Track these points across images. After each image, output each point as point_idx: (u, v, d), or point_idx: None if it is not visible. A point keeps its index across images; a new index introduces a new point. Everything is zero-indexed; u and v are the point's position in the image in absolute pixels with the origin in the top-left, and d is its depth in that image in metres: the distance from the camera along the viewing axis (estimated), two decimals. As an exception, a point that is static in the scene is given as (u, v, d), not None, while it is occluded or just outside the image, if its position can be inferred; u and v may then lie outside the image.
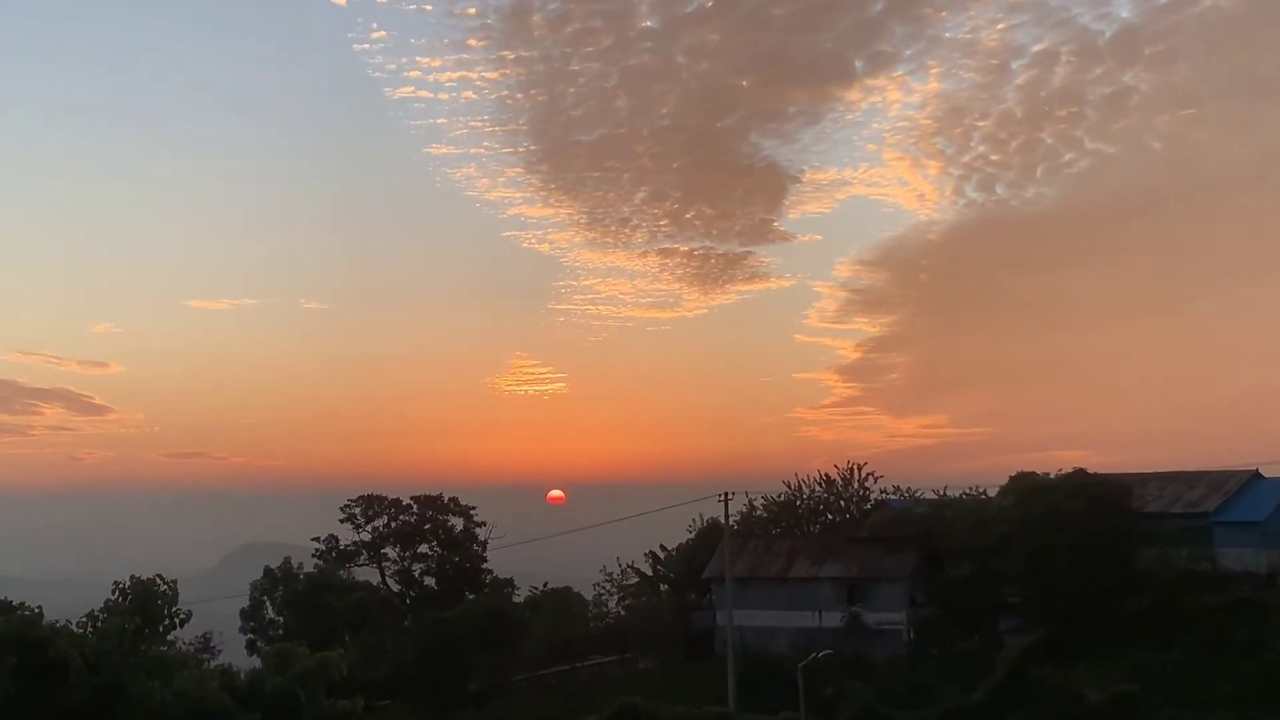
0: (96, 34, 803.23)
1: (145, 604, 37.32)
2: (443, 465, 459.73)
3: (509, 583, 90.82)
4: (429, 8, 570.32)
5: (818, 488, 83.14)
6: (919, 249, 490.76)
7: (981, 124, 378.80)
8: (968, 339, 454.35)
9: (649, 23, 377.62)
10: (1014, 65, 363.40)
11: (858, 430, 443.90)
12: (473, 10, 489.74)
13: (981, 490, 77.55)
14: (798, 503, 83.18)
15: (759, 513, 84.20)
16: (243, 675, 40.61)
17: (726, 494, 66.11)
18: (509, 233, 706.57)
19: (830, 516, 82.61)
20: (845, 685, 59.86)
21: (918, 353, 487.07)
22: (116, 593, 36.54)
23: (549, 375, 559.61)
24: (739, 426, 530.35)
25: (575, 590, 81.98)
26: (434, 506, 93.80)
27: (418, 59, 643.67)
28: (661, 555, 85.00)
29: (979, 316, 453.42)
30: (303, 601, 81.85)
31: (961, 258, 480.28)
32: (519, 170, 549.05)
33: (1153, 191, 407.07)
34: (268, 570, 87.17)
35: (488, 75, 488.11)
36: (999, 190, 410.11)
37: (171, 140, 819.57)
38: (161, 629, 37.88)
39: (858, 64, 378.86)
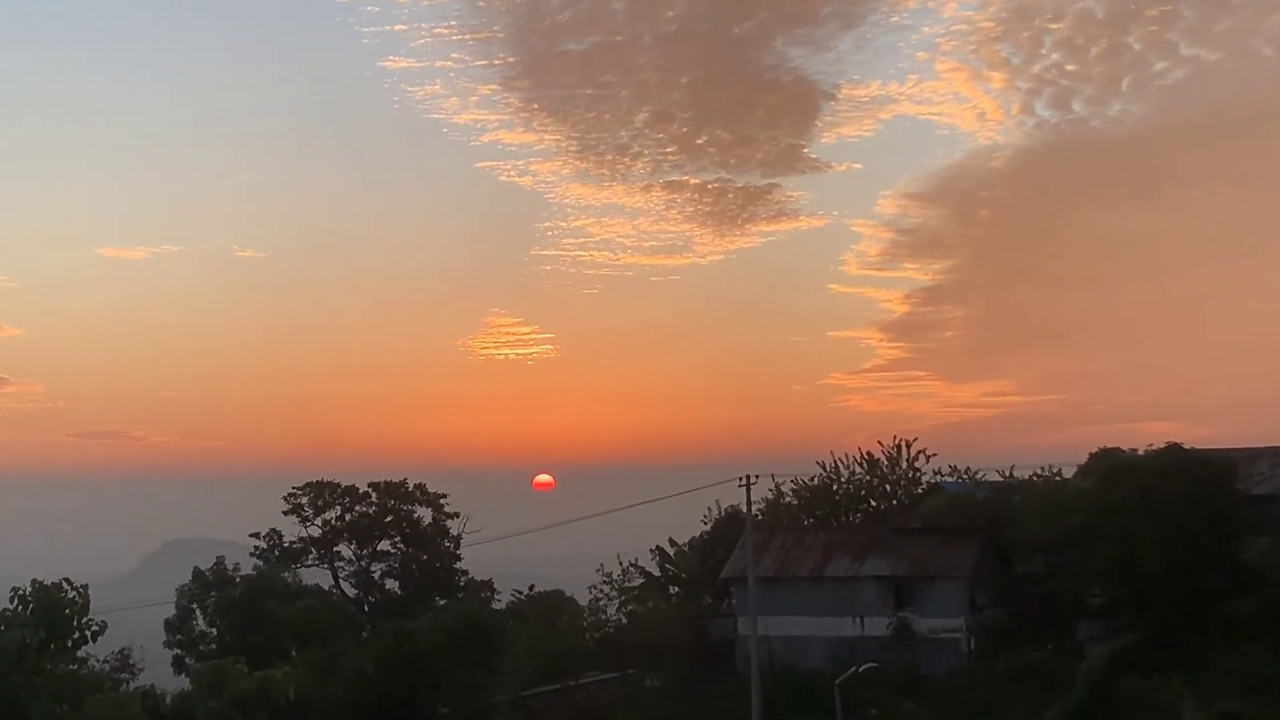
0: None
1: (50, 614, 37.31)
2: (407, 445, 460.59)
3: (487, 586, 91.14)
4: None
5: (858, 469, 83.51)
6: (980, 179, 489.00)
7: (1055, 26, 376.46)
8: (1039, 288, 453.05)
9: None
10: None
11: (906, 399, 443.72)
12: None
13: (1056, 470, 77.85)
14: (835, 487, 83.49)
15: (788, 499, 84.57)
16: (168, 698, 40.72)
17: (749, 477, 65.98)
18: (483, 163, 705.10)
19: (874, 503, 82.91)
20: (892, 705, 59.99)
21: (979, 305, 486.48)
22: (15, 600, 36.57)
23: (533, 336, 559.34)
24: (763, 396, 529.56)
25: (567, 594, 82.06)
26: (396, 495, 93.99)
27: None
28: (671, 551, 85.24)
29: (1053, 260, 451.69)
30: (239, 610, 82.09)
31: (1031, 189, 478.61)
32: (494, 87, 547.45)
33: (1263, 107, 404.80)
34: (197, 572, 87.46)
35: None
36: (1076, 107, 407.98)
37: (75, 59, 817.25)
38: (70, 644, 37.92)
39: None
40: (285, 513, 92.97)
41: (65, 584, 37.94)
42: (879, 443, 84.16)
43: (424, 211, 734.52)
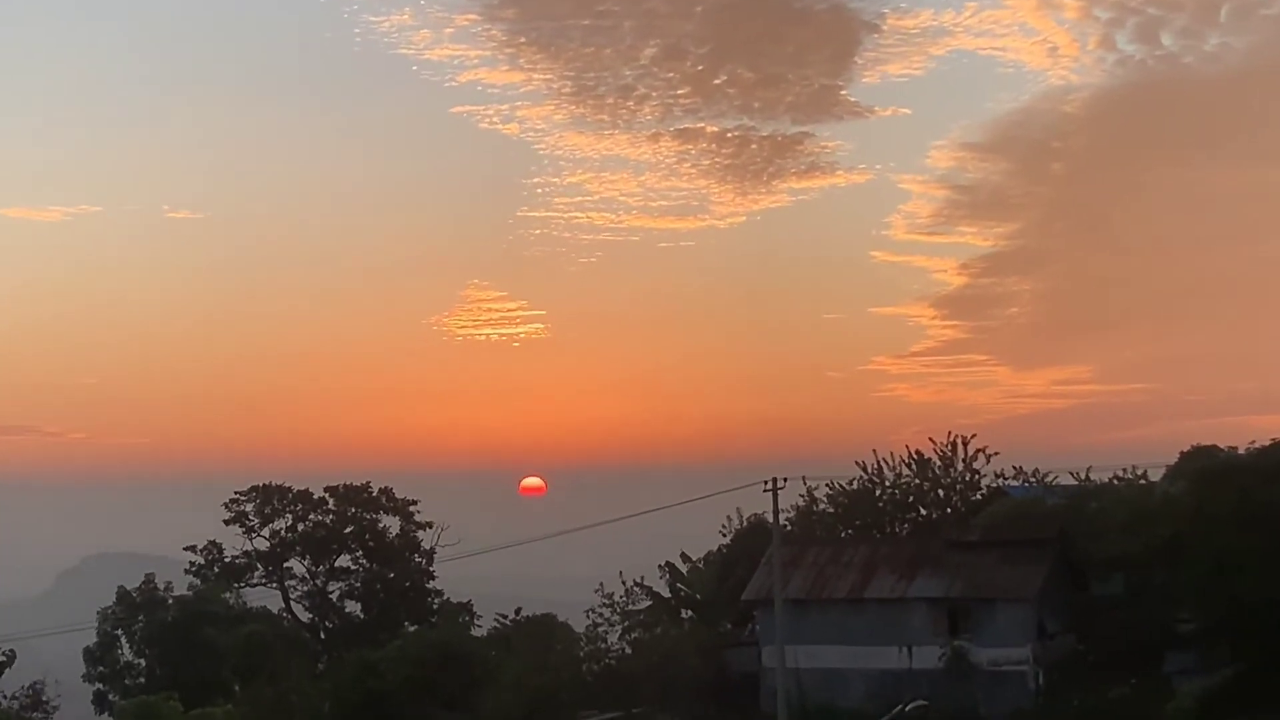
0: None
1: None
2: (370, 443, 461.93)
3: (466, 608, 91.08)
4: None
5: (906, 470, 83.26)
6: (1051, 127, 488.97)
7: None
8: (1121, 256, 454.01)
9: None
10: None
11: (963, 388, 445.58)
12: None
13: (1141, 472, 77.54)
14: (878, 492, 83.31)
15: (822, 506, 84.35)
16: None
17: (775, 481, 66.07)
18: (460, 108, 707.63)
19: (924, 511, 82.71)
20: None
21: (1049, 276, 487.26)
22: (-95, 627, 36.68)
23: (520, 313, 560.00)
24: (792, 384, 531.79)
25: (561, 619, 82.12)
26: (358, 502, 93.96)
27: None
28: (683, 568, 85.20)
29: (1138, 223, 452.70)
30: (172, 637, 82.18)
31: (1112, 139, 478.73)
32: (474, 17, 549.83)
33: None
34: (123, 592, 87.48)
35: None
36: (1165, 41, 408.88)
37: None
38: (-29, 677, 38.04)
39: None
40: (226, 522, 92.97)
41: (-35, 607, 37.96)
42: (930, 439, 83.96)
43: (390, 165, 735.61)
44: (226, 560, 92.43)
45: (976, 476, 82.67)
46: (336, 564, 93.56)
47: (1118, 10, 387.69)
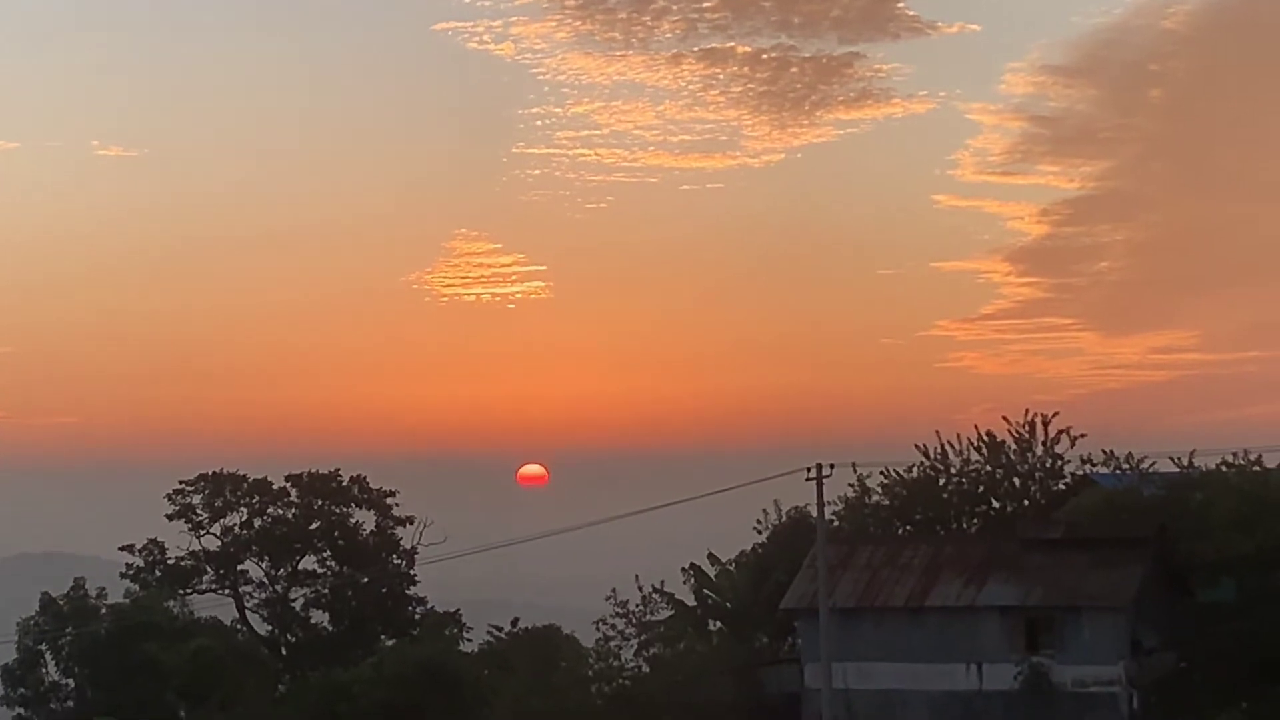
0: None
1: None
2: (339, 423, 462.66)
3: (454, 619, 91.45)
4: None
5: (975, 455, 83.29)
6: (1148, 47, 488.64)
7: None
8: (1233, 201, 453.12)
9: None
10: None
11: (1044, 358, 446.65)
12: None
13: (1255, 458, 77.52)
14: (942, 481, 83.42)
15: (876, 498, 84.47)
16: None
17: (819, 467, 66.40)
18: (443, 24, 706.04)
19: (997, 504, 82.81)
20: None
21: (1147, 225, 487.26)
22: None
23: (516, 268, 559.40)
24: (839, 353, 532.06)
25: (566, 631, 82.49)
26: (326, 493, 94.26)
27: None
28: (711, 572, 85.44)
29: (1253, 161, 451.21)
30: (107, 652, 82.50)
31: (1221, 61, 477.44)
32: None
33: None
34: (48, 600, 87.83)
35: None
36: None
37: None
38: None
39: None
40: (170, 516, 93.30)
41: None
42: (1004, 419, 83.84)
43: (360, 93, 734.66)
44: (170, 562, 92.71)
45: (1059, 463, 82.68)
46: (300, 566, 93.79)
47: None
